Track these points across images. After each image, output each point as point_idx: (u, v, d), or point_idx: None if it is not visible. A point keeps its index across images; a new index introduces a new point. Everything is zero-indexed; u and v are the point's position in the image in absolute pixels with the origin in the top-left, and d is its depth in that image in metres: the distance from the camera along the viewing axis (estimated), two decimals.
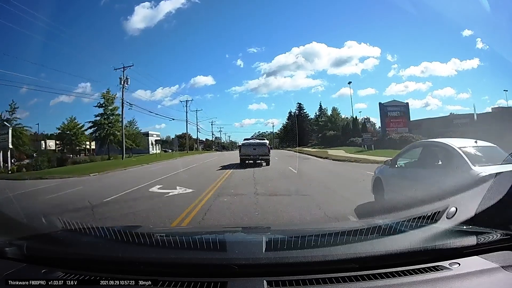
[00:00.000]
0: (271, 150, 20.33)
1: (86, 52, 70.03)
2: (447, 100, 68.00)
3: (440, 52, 66.55)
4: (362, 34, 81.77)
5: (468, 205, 3.21)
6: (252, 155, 19.21)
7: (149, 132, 58.92)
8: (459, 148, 5.13)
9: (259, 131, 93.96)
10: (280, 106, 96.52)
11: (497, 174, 4.21)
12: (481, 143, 5.57)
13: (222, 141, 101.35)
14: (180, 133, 73.77)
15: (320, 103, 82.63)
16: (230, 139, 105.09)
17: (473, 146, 5.31)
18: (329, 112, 69.84)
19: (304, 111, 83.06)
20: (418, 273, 1.40)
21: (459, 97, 61.08)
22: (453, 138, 6.35)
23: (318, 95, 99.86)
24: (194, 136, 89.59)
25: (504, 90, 38.67)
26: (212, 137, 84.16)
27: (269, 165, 18.67)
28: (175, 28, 73.64)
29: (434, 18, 55.05)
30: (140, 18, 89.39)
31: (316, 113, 79.21)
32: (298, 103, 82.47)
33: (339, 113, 65.81)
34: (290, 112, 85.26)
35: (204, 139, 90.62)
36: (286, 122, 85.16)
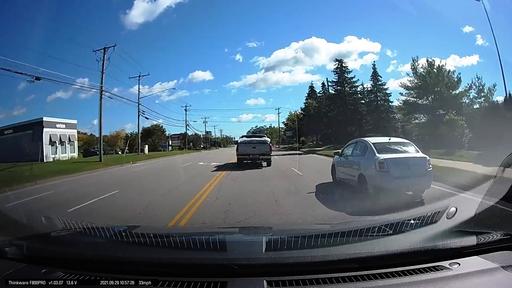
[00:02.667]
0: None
1: (83, 47, 66.92)
2: None
3: (439, 48, 65.12)
4: (362, 29, 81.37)
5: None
6: (251, 154, 17.14)
7: (44, 120, 32.42)
8: (372, 143, 7.91)
9: (257, 125, 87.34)
10: (277, 101, 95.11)
11: (387, 158, 7.10)
12: (394, 139, 8.54)
13: (213, 136, 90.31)
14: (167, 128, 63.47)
15: (374, 65, 42.30)
16: (223, 133, 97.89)
17: (384, 142, 8.17)
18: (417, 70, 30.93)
19: (349, 75, 42.25)
20: (418, 273, 1.40)
21: None
22: (374, 137, 9.64)
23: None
24: (174, 131, 72.47)
25: None
26: (187, 128, 63.79)
27: (270, 165, 16.99)
28: (174, 22, 73.51)
29: (435, 14, 54.06)
30: (139, 12, 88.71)
31: (364, 87, 41.56)
32: (336, 59, 43.85)
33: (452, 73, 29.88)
34: (311, 86, 52.33)
35: (197, 134, 77.36)
36: (306, 102, 49.36)
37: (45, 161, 28.83)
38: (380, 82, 40.59)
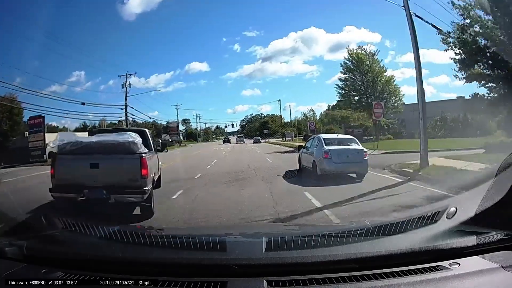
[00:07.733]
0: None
1: (80, 38, 64.66)
2: (442, 87, 73.03)
3: (439, 40, 64.19)
4: (362, 19, 79.40)
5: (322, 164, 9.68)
6: (90, 185, 5.53)
7: None
8: (323, 138, 10.57)
9: (251, 114, 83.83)
10: (274, 91, 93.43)
11: (330, 149, 9.64)
12: (341, 136, 12.21)
13: (195, 127, 73.84)
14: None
15: None
16: (207, 125, 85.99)
17: (333, 137, 11.29)
18: None
19: None
20: (418, 273, 1.40)
21: (453, 85, 57.68)
22: (326, 134, 14.15)
23: (313, 80, 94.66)
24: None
25: None
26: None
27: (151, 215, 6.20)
28: (173, 13, 72.05)
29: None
30: (137, 1, 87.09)
31: None
32: None
33: None
34: None
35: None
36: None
37: None
38: None
